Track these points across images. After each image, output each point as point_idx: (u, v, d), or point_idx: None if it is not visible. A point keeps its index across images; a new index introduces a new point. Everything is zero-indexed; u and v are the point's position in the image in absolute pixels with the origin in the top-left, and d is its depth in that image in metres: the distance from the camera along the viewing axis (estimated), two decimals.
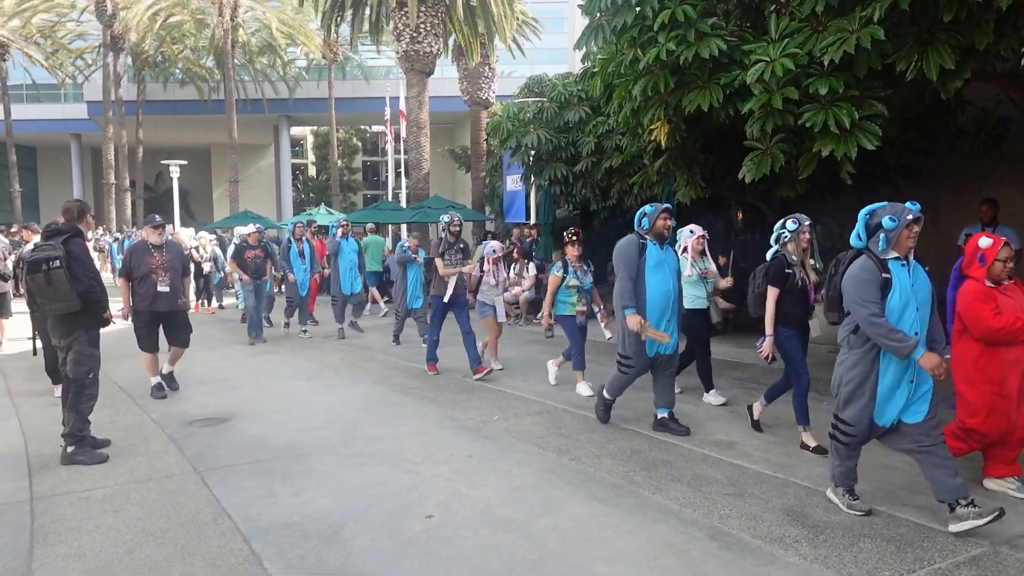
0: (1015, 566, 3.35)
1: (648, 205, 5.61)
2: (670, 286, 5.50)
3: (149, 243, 7.02)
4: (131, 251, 7.03)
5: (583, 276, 7.09)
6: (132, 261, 6.91)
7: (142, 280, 6.85)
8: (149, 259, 6.91)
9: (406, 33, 19.02)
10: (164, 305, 6.92)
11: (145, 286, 6.84)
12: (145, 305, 6.86)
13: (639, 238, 5.54)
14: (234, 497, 4.36)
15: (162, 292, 6.87)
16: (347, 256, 11.01)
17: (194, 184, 45.48)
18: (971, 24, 5.60)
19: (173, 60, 35.89)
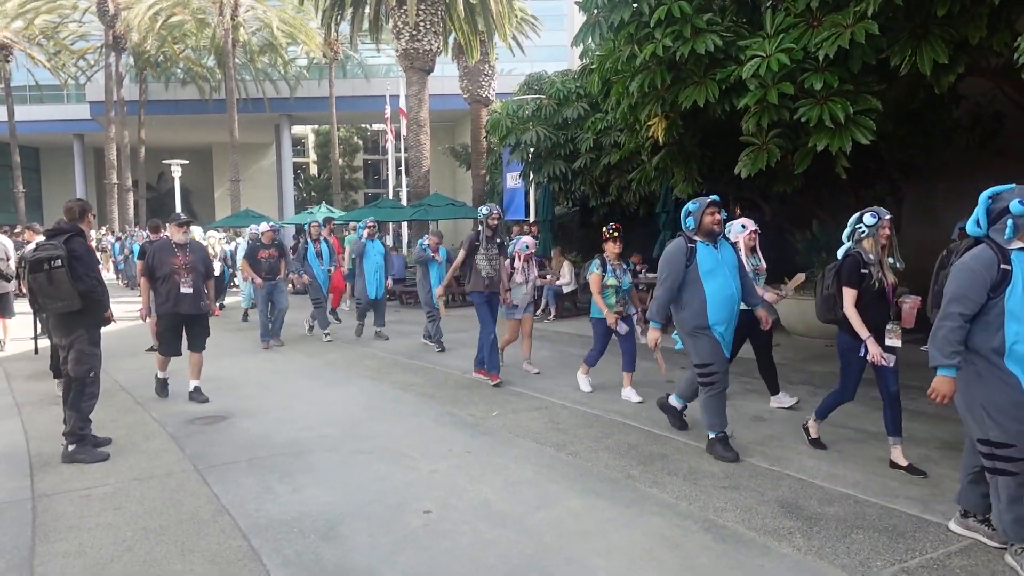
0: (998, 556, 3.38)
1: (691, 202, 5.01)
2: (733, 289, 4.92)
3: (173, 242, 6.73)
4: (154, 250, 6.73)
5: (622, 275, 6.62)
6: (154, 260, 6.63)
7: (164, 280, 6.56)
8: (172, 259, 6.61)
9: (406, 31, 19.06)
10: (187, 307, 6.64)
11: (167, 287, 6.57)
12: (168, 307, 6.59)
13: (687, 241, 4.95)
14: (233, 494, 4.40)
15: (185, 294, 6.59)
16: (372, 258, 10.51)
17: (196, 183, 45.60)
18: (964, 19, 5.63)
19: (175, 60, 35.97)
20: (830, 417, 5.83)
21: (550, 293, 12.91)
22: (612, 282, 6.55)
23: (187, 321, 6.74)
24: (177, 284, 6.57)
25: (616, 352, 6.88)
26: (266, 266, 9.99)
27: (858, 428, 5.51)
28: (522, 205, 16.33)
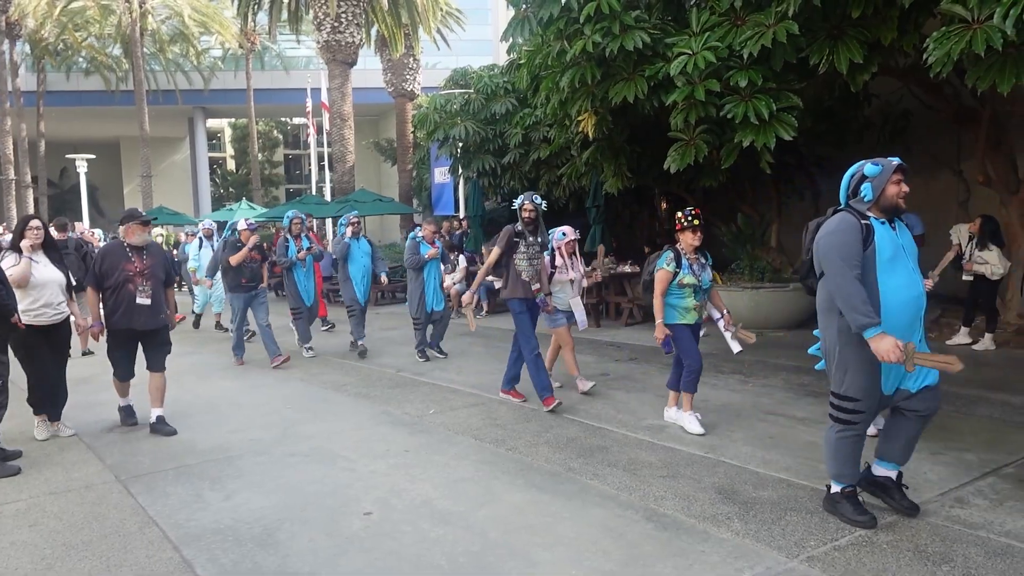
0: (926, 530, 3.57)
1: (869, 163, 3.64)
2: (920, 288, 3.60)
3: (127, 244, 5.65)
4: (104, 254, 5.69)
5: (700, 272, 5.35)
6: (104, 266, 5.57)
7: (116, 290, 5.52)
8: (126, 264, 5.56)
9: (327, 23, 18.61)
10: (144, 321, 5.60)
11: (120, 298, 5.53)
12: (122, 322, 5.56)
13: (858, 217, 3.59)
14: (160, 504, 4.19)
15: (142, 305, 5.55)
16: (359, 260, 9.14)
17: (103, 179, 43.21)
18: (877, 21, 5.91)
19: (76, 48, 33.93)
20: (760, 403, 6.05)
21: (482, 289, 12.88)
22: (690, 280, 5.28)
23: (144, 337, 5.73)
24: (132, 294, 5.55)
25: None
26: (247, 272, 8.35)
27: (788, 415, 5.72)
28: (451, 200, 16.24)
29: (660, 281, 5.30)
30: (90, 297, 5.64)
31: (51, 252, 5.61)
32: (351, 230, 9.21)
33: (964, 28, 4.87)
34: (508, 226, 6.27)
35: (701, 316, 5.42)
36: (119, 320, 5.58)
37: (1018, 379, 6.51)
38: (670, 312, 5.34)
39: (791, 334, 9.23)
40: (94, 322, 5.64)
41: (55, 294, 5.47)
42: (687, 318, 5.35)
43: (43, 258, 5.51)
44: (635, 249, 12.56)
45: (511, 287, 6.20)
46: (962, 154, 9.40)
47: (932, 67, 5.09)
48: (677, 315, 5.35)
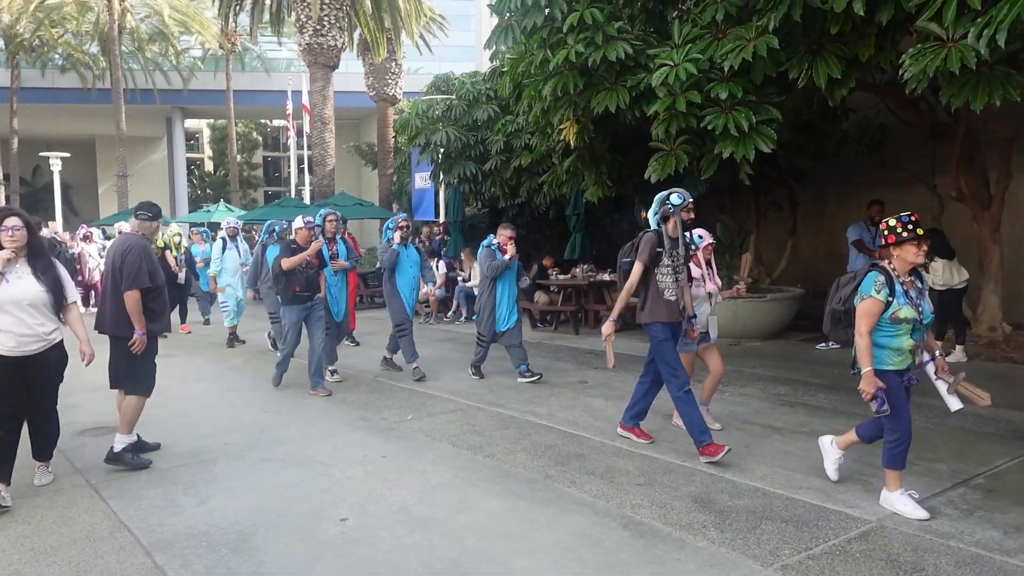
0: (899, 539, 3.62)
1: None
2: None
3: (150, 241, 5.26)
4: (144, 251, 4.93)
5: (919, 300, 4.02)
6: (151, 264, 4.96)
7: (160, 292, 5.02)
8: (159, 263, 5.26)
9: (309, 25, 18.51)
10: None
11: (163, 300, 5.09)
12: (162, 327, 5.10)
13: None
14: (132, 509, 4.13)
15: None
16: (408, 271, 7.74)
17: (77, 178, 42.55)
18: (855, 37, 6.01)
19: (52, 45, 33.40)
20: (736, 413, 6.10)
21: (461, 295, 12.87)
22: (908, 313, 3.93)
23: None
24: (166, 297, 5.21)
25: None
26: (303, 280, 6.96)
27: (764, 424, 5.77)
28: (431, 206, 16.22)
29: (867, 315, 3.96)
30: (132, 301, 4.75)
31: (37, 260, 4.35)
32: (399, 235, 7.71)
33: (939, 46, 4.98)
34: (648, 233, 4.99)
35: (915, 361, 4.12)
36: (161, 326, 5.03)
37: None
38: (881, 354, 4.02)
39: (767, 344, 9.32)
40: (140, 330, 4.82)
41: (36, 319, 4.22)
42: (898, 363, 4.01)
43: (24, 269, 4.26)
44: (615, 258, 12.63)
45: (651, 308, 5.00)
46: (936, 169, 9.58)
47: (908, 83, 5.19)
48: (890, 358, 4.03)
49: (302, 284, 6.93)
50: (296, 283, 6.91)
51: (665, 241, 4.94)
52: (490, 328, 7.49)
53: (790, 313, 9.76)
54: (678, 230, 4.99)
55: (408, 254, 7.79)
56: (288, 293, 6.94)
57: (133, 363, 4.86)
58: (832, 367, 7.74)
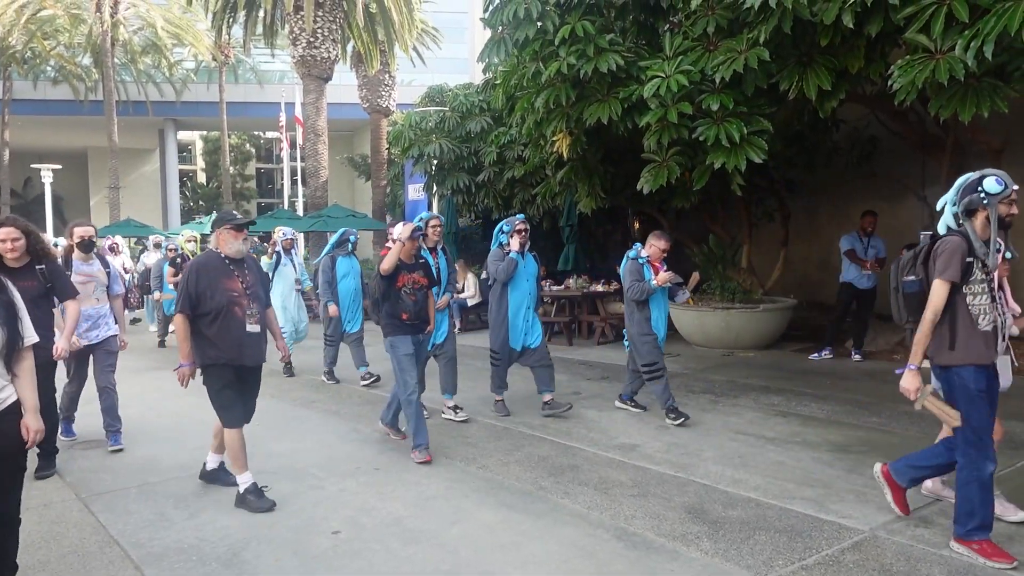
0: (892, 548, 3.62)
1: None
2: None
3: (224, 256, 4.43)
4: (198, 269, 4.35)
5: None
6: (200, 284, 4.28)
7: (219, 317, 4.30)
8: (228, 282, 4.35)
9: (303, 38, 18.57)
10: (254, 355, 4.47)
11: (226, 326, 4.31)
12: (230, 355, 4.34)
13: None
14: (122, 523, 4.09)
15: (252, 334, 4.41)
16: (522, 287, 6.41)
17: (69, 190, 42.47)
18: (844, 49, 6.06)
19: (44, 57, 33.39)
20: (729, 423, 6.10)
21: (454, 306, 12.85)
22: None
23: (248, 375, 4.56)
24: (241, 320, 4.37)
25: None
26: (410, 305, 5.36)
27: (757, 434, 5.77)
28: None
29: None
30: (179, 327, 4.34)
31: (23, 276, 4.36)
32: (518, 240, 6.19)
33: (928, 58, 5.03)
34: (951, 238, 3.54)
35: None
36: (226, 353, 4.33)
37: None
38: None
39: (761, 354, 9.33)
40: (184, 361, 4.35)
41: None
42: None
43: None
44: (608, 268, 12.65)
45: (964, 346, 3.52)
46: (927, 180, 9.64)
47: (897, 95, 5.24)
48: None
49: (410, 310, 5.37)
50: (403, 308, 5.35)
51: (975, 246, 3.49)
52: (655, 352, 6.10)
53: (783, 323, 9.79)
54: (992, 230, 3.49)
55: (526, 266, 6.28)
56: (392, 320, 5.37)
57: (210, 392, 4.42)
58: (825, 377, 7.75)
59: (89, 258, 5.64)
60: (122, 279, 12.24)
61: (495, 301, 6.35)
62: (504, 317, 6.30)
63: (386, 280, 5.33)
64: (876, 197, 10.04)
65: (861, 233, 8.74)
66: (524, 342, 6.36)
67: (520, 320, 6.32)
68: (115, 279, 5.81)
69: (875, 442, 5.43)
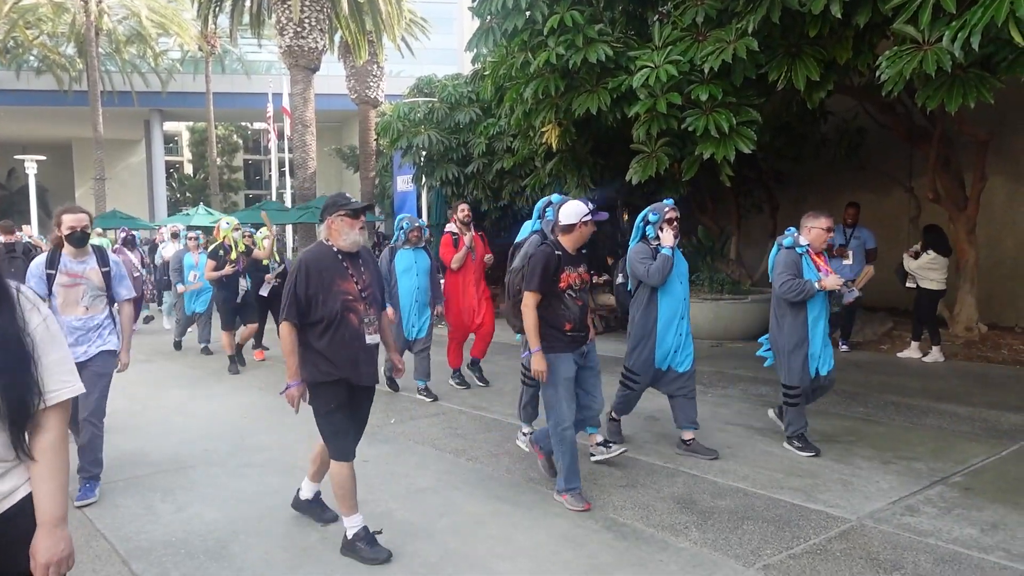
0: (878, 537, 3.65)
1: None
2: None
3: (337, 250, 3.61)
4: (308, 266, 3.53)
5: None
6: (311, 286, 3.50)
7: (333, 325, 3.51)
8: (342, 283, 3.55)
9: (289, 27, 18.42)
10: (369, 372, 3.65)
11: (340, 336, 3.52)
12: (344, 372, 3.54)
13: None
14: (109, 517, 4.07)
15: (370, 347, 3.62)
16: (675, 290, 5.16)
17: (53, 181, 42.02)
18: (833, 40, 6.07)
19: (27, 46, 32.96)
20: (718, 414, 6.12)
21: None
22: None
23: (360, 395, 3.72)
24: (357, 330, 3.56)
25: None
26: (575, 311, 4.20)
27: (745, 425, 5.79)
28: (414, 209, 16.14)
29: None
30: (285, 339, 3.54)
31: None
32: (671, 233, 4.88)
33: (915, 49, 5.03)
34: None
35: None
36: (339, 370, 3.53)
37: (965, 390, 6.72)
38: None
39: (749, 345, 9.37)
40: (292, 380, 3.55)
41: None
42: None
43: None
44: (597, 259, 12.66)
45: None
46: (914, 171, 9.70)
47: (884, 86, 5.25)
48: None
49: (575, 318, 4.15)
50: (566, 317, 4.13)
51: None
52: (805, 375, 4.93)
53: None
54: None
55: (677, 264, 4.98)
56: (551, 334, 4.15)
57: (317, 415, 3.66)
58: None
59: (83, 254, 4.42)
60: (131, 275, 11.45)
61: (640, 310, 5.03)
62: (651, 330, 4.98)
63: (547, 280, 4.08)
64: (864, 188, 10.09)
65: (843, 225, 8.79)
66: (671, 362, 5.04)
67: (671, 335, 4.97)
68: (120, 280, 4.54)
69: (862, 432, 5.47)
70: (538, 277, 4.04)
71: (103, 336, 4.46)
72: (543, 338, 4.09)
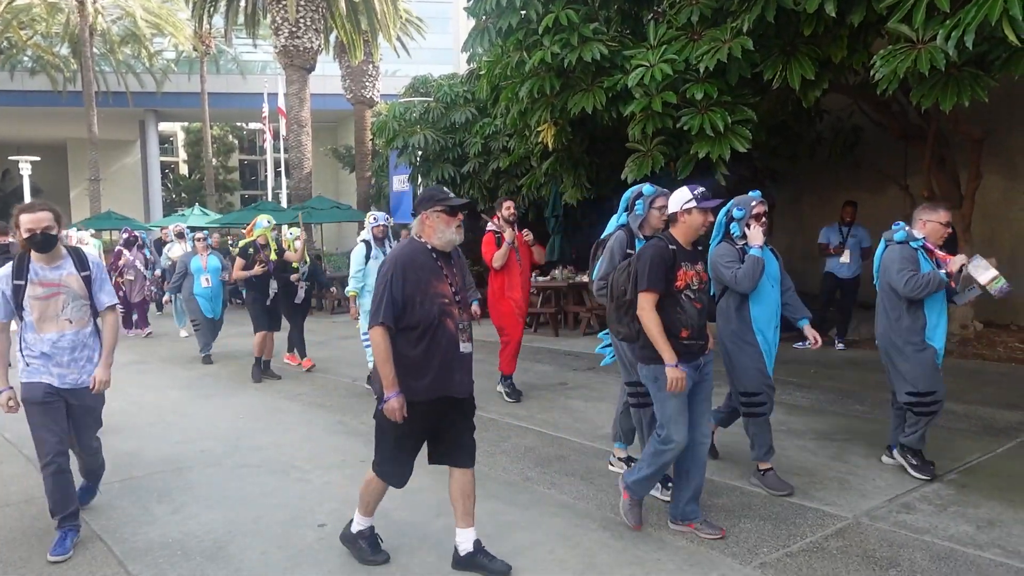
0: (875, 534, 3.66)
1: None
2: None
3: (431, 248, 3.30)
4: (404, 264, 3.20)
5: None
6: (408, 286, 3.18)
7: (428, 332, 3.20)
8: (438, 284, 3.24)
9: (285, 27, 18.40)
10: (464, 383, 3.34)
11: (436, 345, 3.21)
12: (437, 388, 3.23)
13: None
14: (105, 519, 4.06)
15: (465, 355, 3.33)
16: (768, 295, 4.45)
17: (48, 182, 41.79)
18: (828, 39, 6.08)
19: (21, 47, 32.84)
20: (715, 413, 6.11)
21: None
22: None
23: (453, 409, 3.35)
24: (453, 336, 3.26)
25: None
26: (694, 315, 3.65)
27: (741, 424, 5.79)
28: (409, 209, 16.12)
29: None
30: (379, 345, 3.15)
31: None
32: (759, 230, 4.26)
33: (909, 48, 5.04)
34: None
35: None
36: (433, 383, 3.21)
37: (960, 388, 6.72)
38: None
39: None
40: (390, 392, 3.15)
41: None
42: None
43: None
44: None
45: None
46: (908, 170, 9.71)
47: (879, 84, 5.26)
48: None
49: (693, 324, 3.62)
50: (683, 322, 3.60)
51: None
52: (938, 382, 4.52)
53: None
54: None
55: (769, 264, 4.32)
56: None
57: (381, 431, 3.35)
58: (809, 366, 7.81)
59: (55, 258, 3.74)
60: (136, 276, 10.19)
61: (731, 319, 4.36)
62: (751, 340, 4.31)
63: (662, 277, 3.55)
64: (859, 187, 10.10)
65: (840, 223, 8.81)
66: None
67: (771, 343, 4.40)
68: (102, 285, 3.89)
69: (859, 430, 5.48)
70: (652, 273, 3.52)
71: (92, 360, 3.84)
72: (654, 348, 3.56)
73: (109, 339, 3.90)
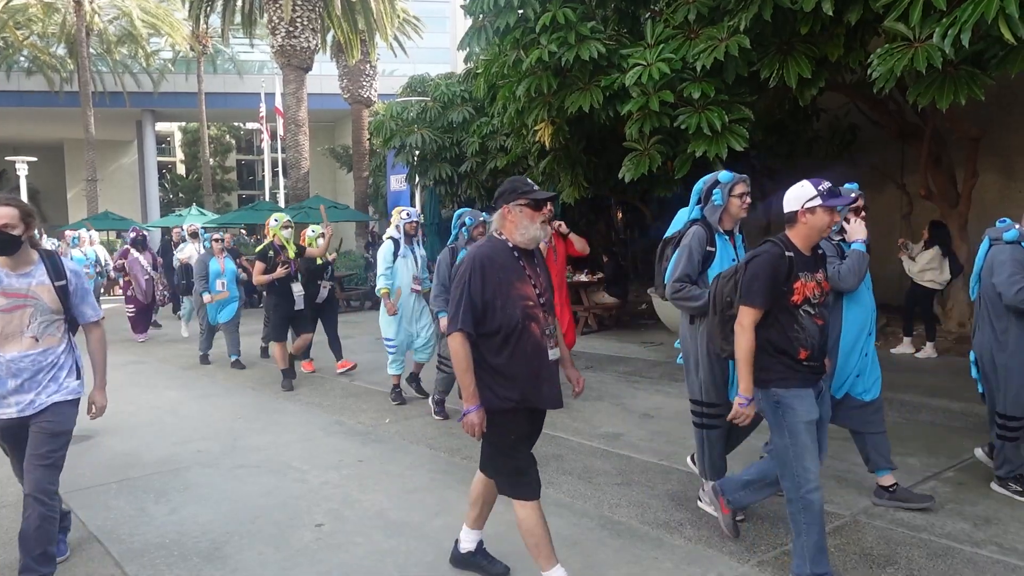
0: (872, 532, 3.66)
1: None
2: None
3: (512, 246, 3.01)
4: (483, 264, 2.93)
5: None
6: (488, 288, 2.91)
7: (513, 337, 2.93)
8: (521, 286, 2.96)
9: (281, 27, 18.37)
10: (553, 393, 3.05)
11: (521, 351, 2.95)
12: (528, 397, 2.98)
13: None
14: (102, 519, 4.05)
15: (554, 362, 3.05)
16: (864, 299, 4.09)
17: (45, 183, 41.82)
18: (824, 37, 6.08)
19: (17, 47, 32.76)
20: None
21: None
22: None
23: (538, 420, 3.20)
24: (539, 343, 2.98)
25: None
26: (815, 332, 3.10)
27: None
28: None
29: None
30: (459, 353, 2.90)
31: None
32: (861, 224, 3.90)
33: (906, 46, 5.05)
34: None
35: None
36: (521, 392, 2.96)
37: (957, 386, 6.73)
38: None
39: None
40: (470, 405, 2.92)
41: None
42: None
43: None
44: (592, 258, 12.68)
45: None
46: (905, 168, 9.72)
47: (876, 83, 5.26)
48: None
49: (814, 343, 3.09)
50: (801, 341, 3.07)
51: None
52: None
53: None
54: None
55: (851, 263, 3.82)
56: (782, 362, 3.10)
57: (494, 448, 3.09)
58: None
59: (23, 264, 3.13)
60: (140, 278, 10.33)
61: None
62: (833, 347, 3.84)
63: (774, 290, 3.03)
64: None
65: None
66: (850, 388, 3.92)
67: (856, 355, 3.88)
68: (84, 297, 3.34)
69: None
70: (762, 286, 3.01)
71: (59, 379, 3.24)
72: (769, 369, 3.08)
73: (99, 358, 3.46)
